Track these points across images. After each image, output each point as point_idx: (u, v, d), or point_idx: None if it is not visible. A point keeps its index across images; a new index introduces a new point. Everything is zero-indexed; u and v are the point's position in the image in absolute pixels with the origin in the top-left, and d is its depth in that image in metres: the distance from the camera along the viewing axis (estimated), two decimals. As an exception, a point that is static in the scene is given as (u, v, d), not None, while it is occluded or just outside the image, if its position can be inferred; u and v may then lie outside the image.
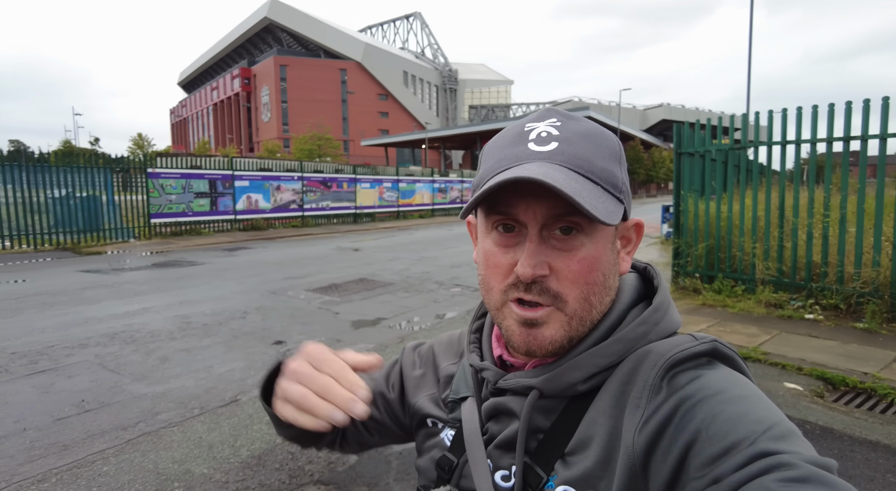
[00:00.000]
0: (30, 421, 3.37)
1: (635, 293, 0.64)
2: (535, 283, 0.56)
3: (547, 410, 0.60)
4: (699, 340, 0.55)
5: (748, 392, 0.50)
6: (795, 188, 5.83)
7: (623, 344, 0.57)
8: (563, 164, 0.55)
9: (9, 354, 4.62)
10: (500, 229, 0.59)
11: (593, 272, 0.57)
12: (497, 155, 0.60)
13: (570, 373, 0.58)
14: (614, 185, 0.57)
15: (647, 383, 0.53)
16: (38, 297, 6.87)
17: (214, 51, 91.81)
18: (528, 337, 0.58)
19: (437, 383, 0.78)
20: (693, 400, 0.50)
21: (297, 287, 7.62)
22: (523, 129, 0.60)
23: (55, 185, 12.42)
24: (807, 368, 4.15)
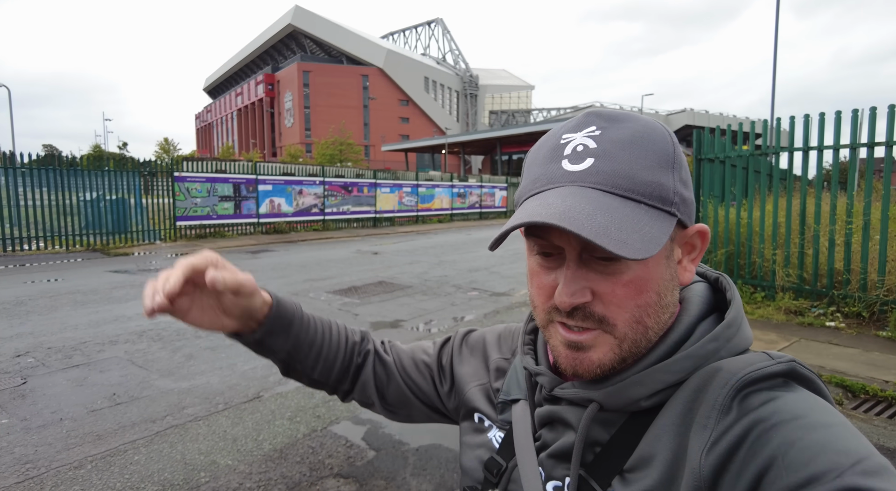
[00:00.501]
0: (66, 412, 3.54)
1: (705, 305, 0.60)
2: (578, 309, 0.53)
3: (606, 423, 0.57)
4: (775, 359, 0.51)
5: (832, 419, 0.46)
6: (817, 195, 5.78)
7: (692, 361, 0.54)
8: (595, 185, 0.52)
9: (45, 348, 4.84)
10: (541, 255, 0.57)
11: (643, 294, 0.53)
12: (534, 172, 0.57)
13: (633, 388, 0.54)
14: (663, 198, 0.53)
15: (717, 403, 0.49)
16: (72, 295, 7.15)
17: (239, 57, 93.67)
18: (575, 360, 0.55)
19: (487, 373, 0.77)
20: (768, 423, 0.46)
21: (319, 289, 7.78)
22: (559, 141, 0.56)
23: (87, 189, 12.87)
24: (826, 375, 4.12)
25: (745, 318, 0.58)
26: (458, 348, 0.83)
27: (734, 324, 0.56)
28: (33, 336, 5.20)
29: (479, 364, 0.79)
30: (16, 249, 11.75)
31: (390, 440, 3.21)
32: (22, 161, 12.01)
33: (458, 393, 0.79)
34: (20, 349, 4.80)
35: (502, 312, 6.56)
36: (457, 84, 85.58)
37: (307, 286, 8.00)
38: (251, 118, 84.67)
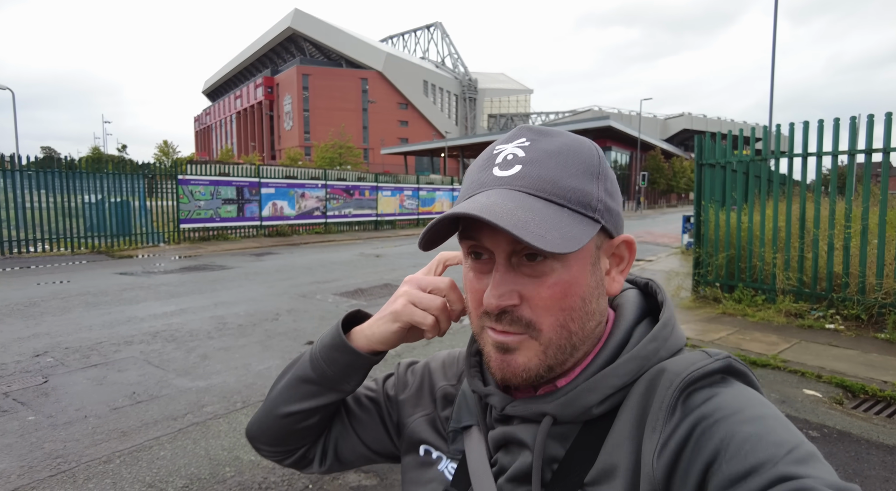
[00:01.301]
0: (89, 409, 3.64)
1: (638, 310, 0.63)
2: (506, 313, 0.55)
3: (561, 438, 0.57)
4: (713, 357, 0.54)
5: (766, 412, 0.49)
6: (816, 200, 5.91)
7: (637, 362, 0.56)
8: (521, 188, 0.54)
9: (63, 348, 4.93)
10: (472, 256, 0.58)
11: (568, 297, 0.54)
12: (469, 180, 0.60)
13: (585, 395, 0.55)
14: (586, 204, 0.55)
15: (664, 404, 0.51)
16: (83, 297, 7.24)
17: (239, 60, 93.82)
18: (503, 363, 0.56)
19: (432, 402, 0.75)
20: (710, 420, 0.49)
21: (325, 291, 7.88)
22: (493, 152, 0.59)
23: (90, 191, 12.95)
24: (826, 375, 4.24)
25: (677, 318, 0.61)
26: (403, 378, 0.81)
27: (669, 323, 0.59)
28: (50, 336, 5.30)
29: (423, 394, 0.76)
30: (21, 251, 11.82)
31: (407, 437, 3.31)
32: (25, 163, 12.09)
33: (402, 426, 0.76)
34: (38, 349, 4.89)
35: (508, 314, 6.68)
36: (456, 88, 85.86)
37: (314, 288, 8.10)
38: (250, 121, 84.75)
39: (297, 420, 0.73)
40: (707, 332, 5.54)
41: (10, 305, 6.63)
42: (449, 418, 0.71)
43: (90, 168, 13.22)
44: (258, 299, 7.27)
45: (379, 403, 0.80)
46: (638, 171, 46.32)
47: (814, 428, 3.37)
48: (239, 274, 9.52)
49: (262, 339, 5.39)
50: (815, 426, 3.39)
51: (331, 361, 0.70)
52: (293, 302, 7.11)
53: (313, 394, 0.72)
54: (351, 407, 0.80)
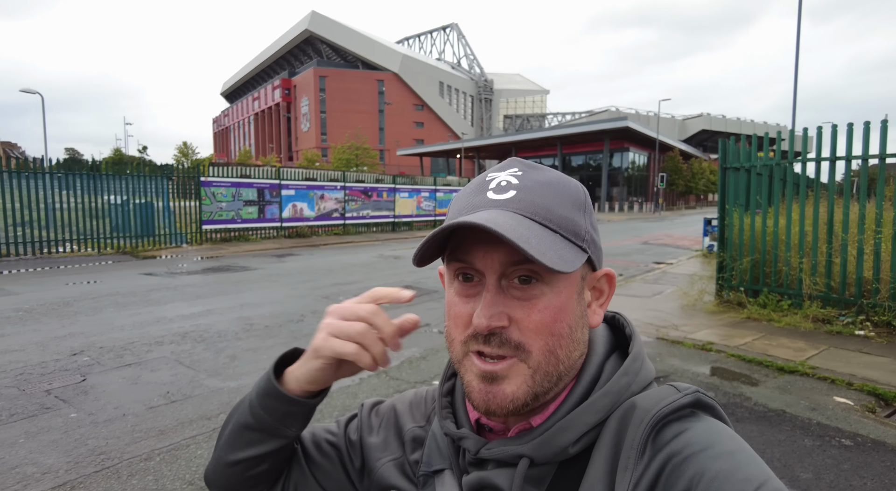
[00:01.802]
0: (127, 408, 3.74)
1: (608, 344, 0.63)
2: (495, 334, 0.54)
3: (537, 481, 0.56)
4: (682, 392, 0.54)
5: (735, 446, 0.50)
6: (845, 204, 5.83)
7: (609, 398, 0.55)
8: (517, 211, 0.55)
9: (97, 348, 5.07)
10: (460, 279, 0.57)
11: (557, 323, 0.54)
12: (458, 205, 0.60)
13: (561, 434, 0.55)
14: (575, 234, 0.56)
15: (635, 442, 0.51)
16: (112, 297, 7.41)
17: (256, 62, 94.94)
18: (488, 394, 0.55)
19: (401, 446, 0.72)
20: (680, 457, 0.49)
21: (347, 293, 7.97)
22: (485, 179, 0.60)
23: (116, 192, 13.25)
24: (857, 383, 4.19)
25: (645, 351, 0.61)
26: (367, 421, 0.77)
27: (639, 357, 0.59)
28: (84, 336, 5.44)
29: (391, 436, 0.73)
30: (51, 251, 12.13)
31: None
32: (52, 165, 12.41)
33: (369, 471, 0.72)
34: (75, 348, 5.04)
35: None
36: (471, 89, 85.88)
37: (336, 290, 8.20)
38: (268, 122, 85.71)
39: (246, 468, 0.69)
40: (731, 337, 5.50)
41: (46, 305, 6.82)
42: (419, 462, 0.68)
43: (112, 169, 13.51)
44: (282, 301, 7.38)
45: (339, 448, 0.75)
46: (656, 173, 45.88)
47: (847, 436, 3.34)
48: (262, 275, 9.66)
49: (289, 340, 5.48)
50: (848, 435, 3.36)
51: (266, 407, 0.66)
52: (316, 303, 7.21)
53: (257, 441, 0.67)
54: (310, 452, 0.75)
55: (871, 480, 2.82)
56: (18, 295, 7.47)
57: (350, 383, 4.30)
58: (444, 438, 0.66)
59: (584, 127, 46.02)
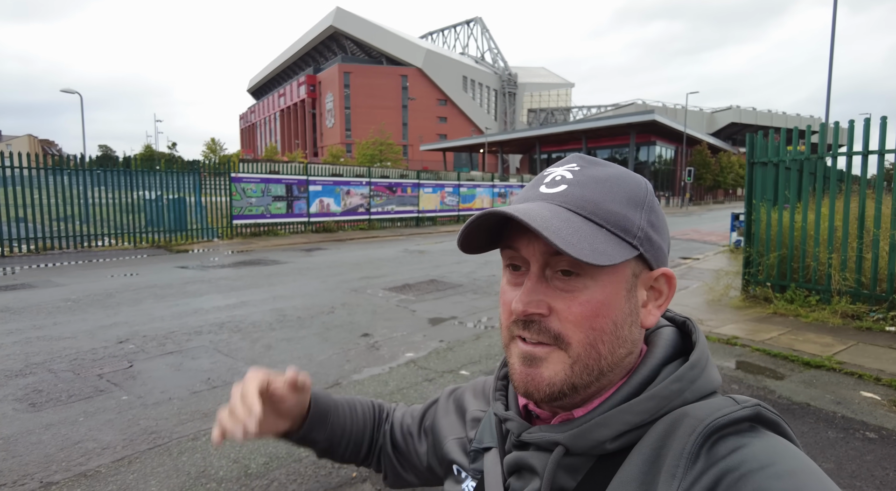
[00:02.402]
0: (172, 392, 3.98)
1: (671, 349, 0.61)
2: (534, 322, 0.55)
3: (572, 469, 0.56)
4: (741, 404, 0.51)
5: (798, 465, 0.46)
6: (878, 198, 5.74)
7: (655, 401, 0.54)
8: (562, 204, 0.56)
9: (141, 336, 5.36)
10: (510, 268, 0.59)
11: (599, 317, 0.54)
12: (516, 198, 0.62)
13: (598, 430, 0.54)
14: (626, 229, 0.55)
15: (685, 451, 0.49)
16: (151, 289, 7.75)
17: (282, 59, 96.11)
18: (527, 376, 0.56)
19: (463, 426, 0.78)
20: (736, 474, 0.46)
21: (375, 286, 8.17)
22: (544, 173, 0.61)
23: (151, 188, 13.72)
24: (886, 378, 4.18)
25: (712, 361, 0.59)
26: (444, 406, 0.84)
27: (698, 365, 0.56)
28: (128, 325, 5.74)
29: (457, 419, 0.80)
30: (91, 245, 12.65)
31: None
32: (89, 161, 12.94)
33: (438, 450, 0.80)
34: (121, 336, 5.33)
35: (554, 311, 6.77)
36: (495, 83, 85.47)
37: (364, 283, 8.40)
38: (293, 119, 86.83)
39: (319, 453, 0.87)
40: (758, 331, 5.51)
41: (91, 296, 7.19)
42: (472, 439, 0.73)
43: (143, 165, 13.98)
44: (313, 293, 7.62)
45: (413, 433, 0.86)
46: (683, 167, 45.11)
47: (872, 430, 3.37)
48: (292, 269, 9.94)
49: (321, 331, 5.69)
50: (873, 428, 3.39)
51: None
52: (346, 296, 7.42)
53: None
54: (395, 437, 0.89)
55: (895, 472, 2.86)
56: (65, 286, 7.88)
57: (380, 372, 4.47)
58: (495, 419, 0.69)
59: (609, 121, 45.47)
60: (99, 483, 2.74)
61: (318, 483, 2.81)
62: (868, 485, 2.74)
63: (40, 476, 2.80)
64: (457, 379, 4.32)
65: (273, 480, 2.82)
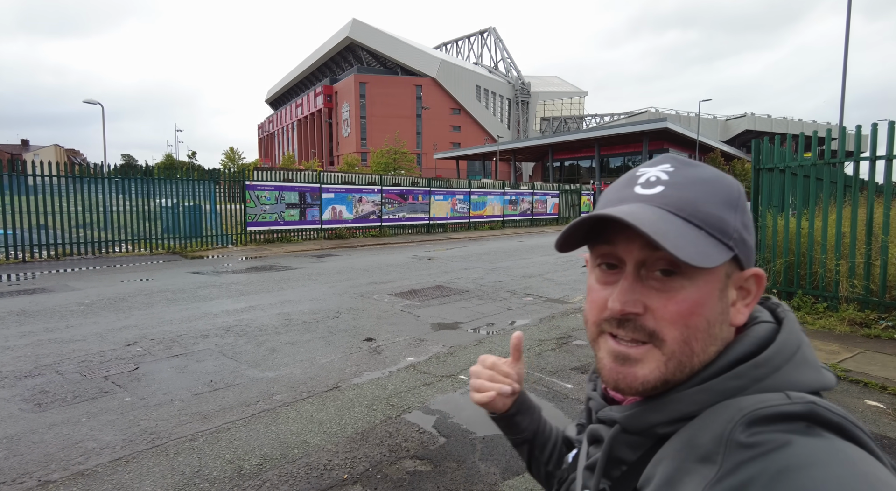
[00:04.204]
0: (175, 394, 4.06)
1: (754, 346, 0.57)
2: (629, 320, 0.56)
3: (634, 446, 0.60)
4: (792, 399, 0.49)
5: (851, 472, 0.42)
6: (886, 204, 5.67)
7: (707, 395, 0.53)
8: (661, 206, 0.56)
9: (149, 339, 5.47)
10: (602, 267, 0.60)
11: (694, 316, 0.54)
12: (605, 197, 0.62)
13: (650, 414, 0.57)
14: (722, 231, 0.55)
15: (724, 436, 0.48)
16: (163, 293, 7.91)
17: (299, 70, 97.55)
18: (619, 373, 0.57)
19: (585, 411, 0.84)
20: (778, 469, 0.44)
21: (381, 291, 8.23)
22: (636, 173, 0.61)
23: (168, 196, 14.02)
24: (892, 387, 4.11)
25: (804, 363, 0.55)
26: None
27: (766, 364, 0.53)
28: (138, 328, 5.87)
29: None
30: (109, 251, 12.93)
31: (458, 429, 3.52)
32: (110, 170, 13.28)
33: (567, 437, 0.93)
34: (129, 339, 5.45)
35: (557, 317, 6.76)
36: (508, 92, 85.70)
37: (371, 288, 8.47)
38: (310, 128, 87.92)
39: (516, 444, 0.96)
40: (764, 339, 5.43)
41: (104, 300, 7.36)
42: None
43: (163, 174, 14.30)
44: (320, 298, 7.70)
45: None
46: (698, 174, 44.56)
47: (872, 438, 3.31)
48: (302, 274, 10.06)
49: (325, 335, 5.75)
50: (875, 437, 3.33)
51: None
52: (352, 301, 7.49)
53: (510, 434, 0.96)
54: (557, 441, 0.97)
55: (890, 480, 2.81)
56: (81, 290, 8.07)
57: (380, 375, 4.51)
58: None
59: (622, 128, 45.27)
60: (95, 482, 2.82)
61: (309, 484, 2.85)
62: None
63: (39, 475, 2.88)
64: (455, 383, 4.35)
65: (265, 480, 2.87)
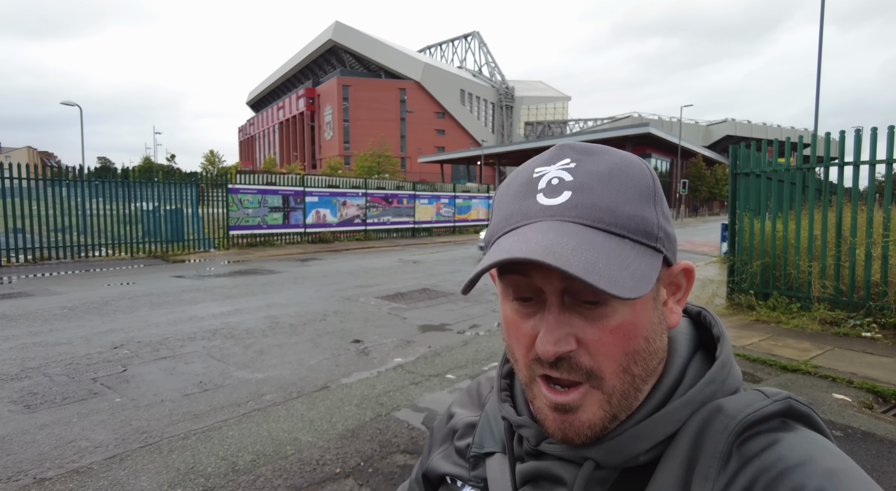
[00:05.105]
0: (164, 395, 4.09)
1: (691, 344, 0.57)
2: (562, 359, 0.49)
3: (599, 482, 0.52)
4: (771, 398, 0.49)
5: (837, 464, 0.44)
6: (854, 209, 5.92)
7: (691, 408, 0.50)
8: (576, 219, 0.48)
9: (136, 342, 5.47)
10: (518, 301, 0.51)
11: (632, 340, 0.49)
12: (506, 209, 0.53)
13: (634, 443, 0.50)
14: (647, 233, 0.49)
15: (717, 450, 0.46)
16: (147, 297, 7.87)
17: (281, 72, 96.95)
18: (563, 422, 0.51)
19: (450, 437, 0.71)
20: (773, 472, 0.44)
21: (368, 295, 8.30)
22: (532, 174, 0.52)
23: (149, 199, 13.89)
24: (858, 381, 4.31)
25: (732, 355, 0.55)
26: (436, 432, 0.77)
27: (727, 363, 0.53)
28: (124, 332, 5.86)
29: (446, 433, 0.72)
30: (88, 255, 12.76)
31: (447, 426, 3.61)
32: (88, 172, 13.14)
33: (427, 474, 0.72)
34: (116, 342, 5.44)
35: (542, 318, 6.89)
36: (492, 96, 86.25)
37: (358, 292, 8.53)
38: (292, 131, 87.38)
39: None
40: (739, 338, 5.64)
41: (88, 304, 7.30)
42: (469, 445, 0.66)
43: (142, 177, 14.16)
44: (307, 302, 7.74)
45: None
46: (679, 179, 45.44)
47: (838, 428, 3.49)
48: (287, 278, 10.06)
49: (313, 337, 5.80)
50: (839, 427, 3.51)
51: None
52: (339, 304, 7.54)
53: None
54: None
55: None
56: (63, 295, 7.99)
57: (368, 376, 4.59)
58: (498, 421, 0.63)
59: (605, 133, 45.92)
60: (91, 479, 2.85)
61: (303, 478, 2.91)
62: (829, 479, 2.86)
63: (34, 473, 2.91)
64: (443, 382, 4.44)
65: (259, 475, 2.93)
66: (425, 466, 0.72)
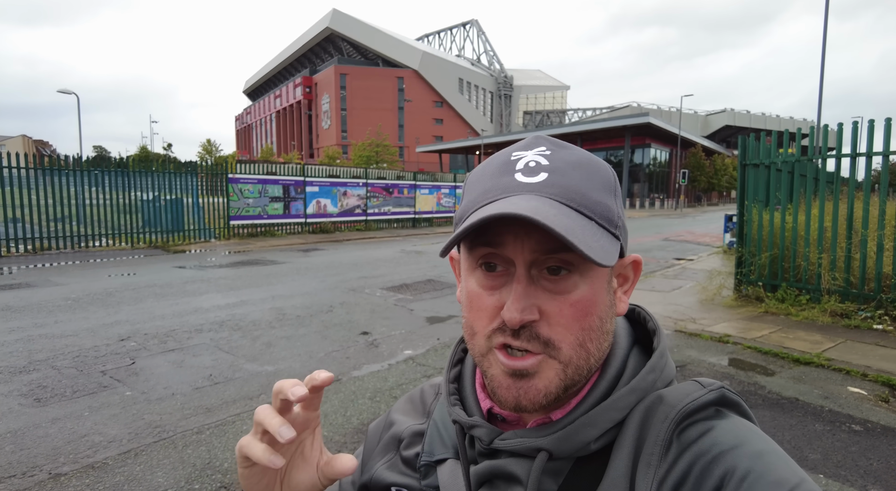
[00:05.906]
0: (175, 388, 4.05)
1: (629, 337, 0.61)
2: (524, 328, 0.51)
3: (553, 473, 0.53)
4: (707, 388, 0.53)
5: (765, 447, 0.48)
6: (865, 200, 5.87)
7: (636, 395, 0.53)
8: (553, 196, 0.51)
9: (142, 334, 5.41)
10: (483, 268, 0.53)
11: (589, 316, 0.52)
12: (482, 186, 0.55)
13: (584, 430, 0.52)
14: (609, 220, 0.53)
15: (659, 438, 0.50)
16: (151, 288, 7.80)
17: (278, 60, 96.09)
18: (518, 390, 0.52)
19: (395, 446, 0.69)
20: (708, 456, 0.48)
21: (373, 286, 8.25)
22: (510, 157, 0.56)
23: (147, 189, 13.75)
24: (872, 374, 4.30)
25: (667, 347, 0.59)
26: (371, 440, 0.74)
27: (665, 354, 0.57)
28: (129, 323, 5.80)
29: (387, 442, 0.70)
30: (88, 245, 12.66)
31: (463, 419, 3.58)
32: (84, 161, 12.98)
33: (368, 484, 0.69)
34: (122, 334, 5.39)
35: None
36: (491, 85, 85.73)
37: (362, 283, 8.48)
38: (289, 120, 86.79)
39: None
40: (749, 330, 5.62)
41: (91, 295, 7.23)
42: (419, 454, 0.65)
43: (139, 166, 13.99)
44: (312, 293, 7.69)
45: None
46: (678, 169, 45.38)
47: (857, 423, 3.47)
48: (290, 269, 10.00)
49: (320, 329, 5.76)
50: (858, 421, 3.49)
51: None
52: (344, 295, 7.49)
53: None
54: None
55: (878, 462, 2.96)
56: (65, 285, 7.92)
57: (380, 368, 4.55)
58: (448, 426, 0.64)
59: (604, 123, 45.72)
60: (107, 474, 2.81)
61: (320, 474, 2.88)
62: (853, 474, 2.84)
63: (49, 467, 2.87)
64: (455, 375, 4.41)
65: (277, 471, 2.89)
66: (368, 475, 0.70)
